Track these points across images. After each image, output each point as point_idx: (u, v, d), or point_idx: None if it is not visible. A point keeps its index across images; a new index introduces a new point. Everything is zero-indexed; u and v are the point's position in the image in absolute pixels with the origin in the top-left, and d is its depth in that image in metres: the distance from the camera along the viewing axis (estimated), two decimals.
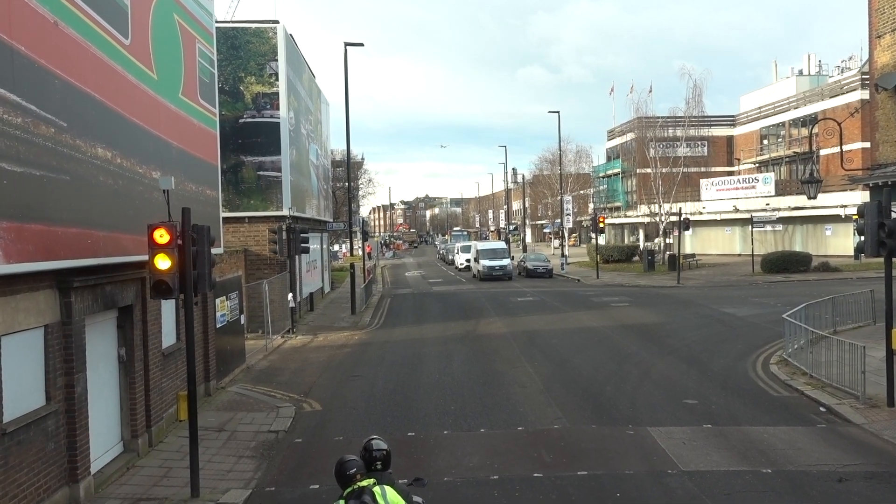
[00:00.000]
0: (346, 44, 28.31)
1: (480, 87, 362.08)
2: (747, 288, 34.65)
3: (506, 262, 43.54)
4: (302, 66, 29.23)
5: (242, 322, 18.51)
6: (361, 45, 28.36)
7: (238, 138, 24.33)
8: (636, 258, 51.58)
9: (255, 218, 24.68)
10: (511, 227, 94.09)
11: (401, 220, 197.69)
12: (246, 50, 24.19)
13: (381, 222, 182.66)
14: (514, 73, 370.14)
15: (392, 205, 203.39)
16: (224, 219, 25.56)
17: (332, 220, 34.37)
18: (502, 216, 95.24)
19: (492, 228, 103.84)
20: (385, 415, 13.61)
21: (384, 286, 43.69)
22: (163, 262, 9.18)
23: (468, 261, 51.28)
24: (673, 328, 22.79)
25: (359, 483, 5.64)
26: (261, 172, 24.54)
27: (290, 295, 23.92)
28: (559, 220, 72.53)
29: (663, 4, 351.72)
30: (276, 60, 24.27)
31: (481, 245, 48.01)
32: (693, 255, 45.26)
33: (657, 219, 46.56)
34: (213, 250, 15.81)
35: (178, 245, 9.40)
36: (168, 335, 12.99)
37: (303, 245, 24.29)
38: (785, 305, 26.69)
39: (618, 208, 63.37)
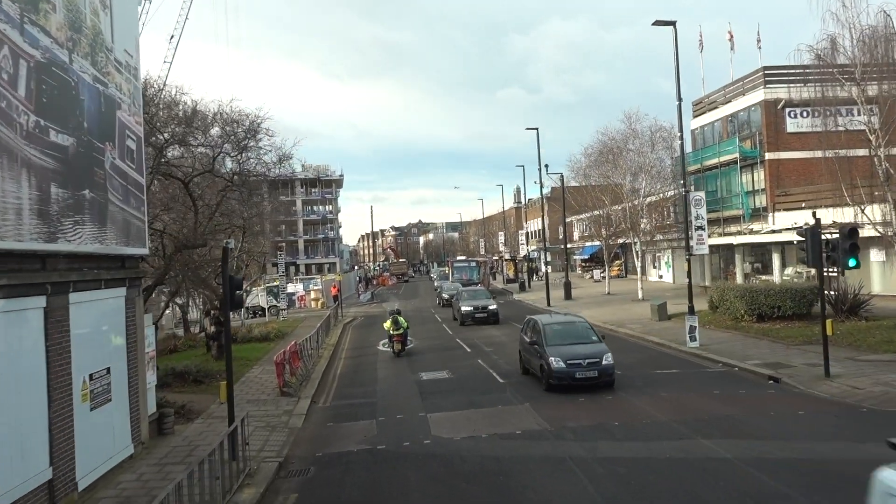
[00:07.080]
0: None
1: (462, 110, 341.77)
2: None
3: None
4: None
5: None
6: None
7: None
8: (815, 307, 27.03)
9: None
10: (532, 253, 70.04)
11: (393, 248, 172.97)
12: None
13: (370, 251, 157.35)
14: (494, 95, 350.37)
15: (382, 231, 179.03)
16: None
17: (139, 253, 10.18)
18: (521, 238, 70.99)
19: (505, 256, 79.32)
20: None
21: (323, 397, 19.36)
22: None
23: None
24: None
25: (394, 315, 26.23)
26: None
27: None
28: (619, 241, 48.55)
29: (636, 21, 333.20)
30: None
31: None
32: None
33: (889, 230, 22.70)
34: None
35: None
36: None
37: None
38: None
39: (734, 219, 39.84)
